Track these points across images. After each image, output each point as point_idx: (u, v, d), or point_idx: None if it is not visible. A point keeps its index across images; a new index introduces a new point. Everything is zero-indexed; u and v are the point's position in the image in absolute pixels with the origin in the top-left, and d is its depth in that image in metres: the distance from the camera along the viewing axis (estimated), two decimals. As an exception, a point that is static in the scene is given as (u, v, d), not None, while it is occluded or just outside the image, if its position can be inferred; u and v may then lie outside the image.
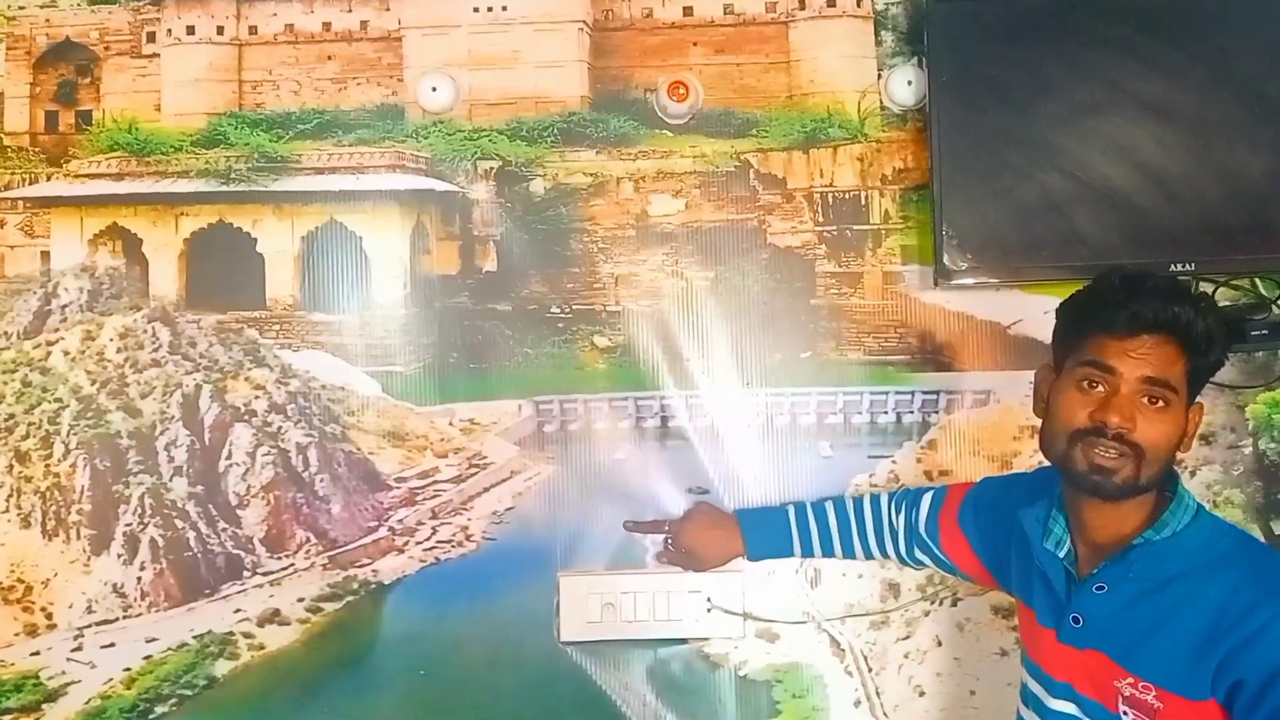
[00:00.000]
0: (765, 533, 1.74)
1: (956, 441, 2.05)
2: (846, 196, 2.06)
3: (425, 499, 2.03)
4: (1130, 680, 1.27)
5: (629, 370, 2.04)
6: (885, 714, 2.02)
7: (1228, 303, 2.00)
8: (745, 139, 2.06)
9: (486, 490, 2.03)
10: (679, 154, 2.05)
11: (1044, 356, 2.04)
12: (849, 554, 1.72)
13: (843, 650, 2.02)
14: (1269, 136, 1.93)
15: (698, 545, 1.78)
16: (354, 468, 2.03)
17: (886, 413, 2.05)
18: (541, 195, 2.05)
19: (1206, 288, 2.00)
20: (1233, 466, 2.06)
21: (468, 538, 2.02)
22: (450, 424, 2.04)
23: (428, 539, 2.02)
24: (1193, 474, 2.05)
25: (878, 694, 2.02)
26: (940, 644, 2.03)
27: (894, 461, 2.05)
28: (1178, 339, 1.27)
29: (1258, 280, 2.02)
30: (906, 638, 2.03)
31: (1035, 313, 2.06)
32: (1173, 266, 1.92)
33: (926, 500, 1.65)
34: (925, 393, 2.05)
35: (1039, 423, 2.15)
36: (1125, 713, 1.28)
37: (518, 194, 2.05)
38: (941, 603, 2.03)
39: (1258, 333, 1.85)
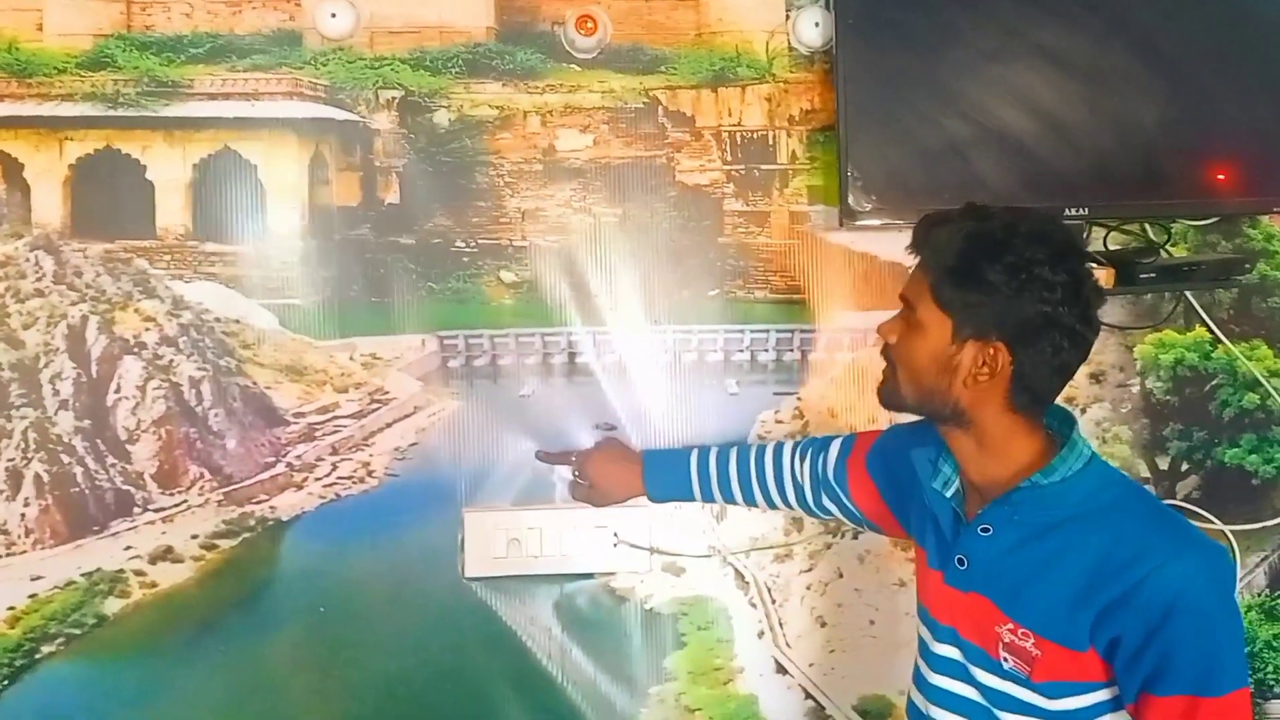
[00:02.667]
0: (666, 474, 1.73)
1: (859, 379, 2.08)
2: (754, 136, 2.07)
3: (325, 435, 1.99)
4: (1010, 626, 1.25)
5: (536, 306, 2.02)
6: (788, 644, 2.06)
7: (1118, 247, 2.07)
8: (654, 75, 2.04)
9: (389, 426, 2.00)
10: (587, 89, 2.03)
11: (943, 297, 2.11)
12: (750, 502, 1.70)
13: (747, 583, 2.06)
14: (1159, 87, 1.99)
15: (601, 479, 1.75)
16: (250, 402, 1.98)
17: (792, 350, 2.07)
18: (446, 127, 2.01)
19: (1099, 232, 2.08)
20: (1121, 404, 2.14)
21: (369, 474, 1.99)
22: (351, 359, 2.00)
23: (327, 475, 1.98)
24: (1083, 411, 2.13)
25: (780, 625, 2.06)
26: (841, 575, 2.08)
27: (798, 398, 2.08)
28: (924, 261, 1.29)
29: (1147, 225, 2.10)
30: (809, 570, 2.07)
31: (936, 254, 2.10)
32: (1067, 211, 1.97)
33: (834, 448, 1.63)
34: (830, 331, 2.08)
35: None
36: (1005, 659, 1.26)
37: (421, 125, 2.01)
38: (843, 535, 2.07)
39: (1146, 275, 1.91)
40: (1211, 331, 2.13)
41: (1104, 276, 1.93)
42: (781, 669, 2.05)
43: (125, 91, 1.97)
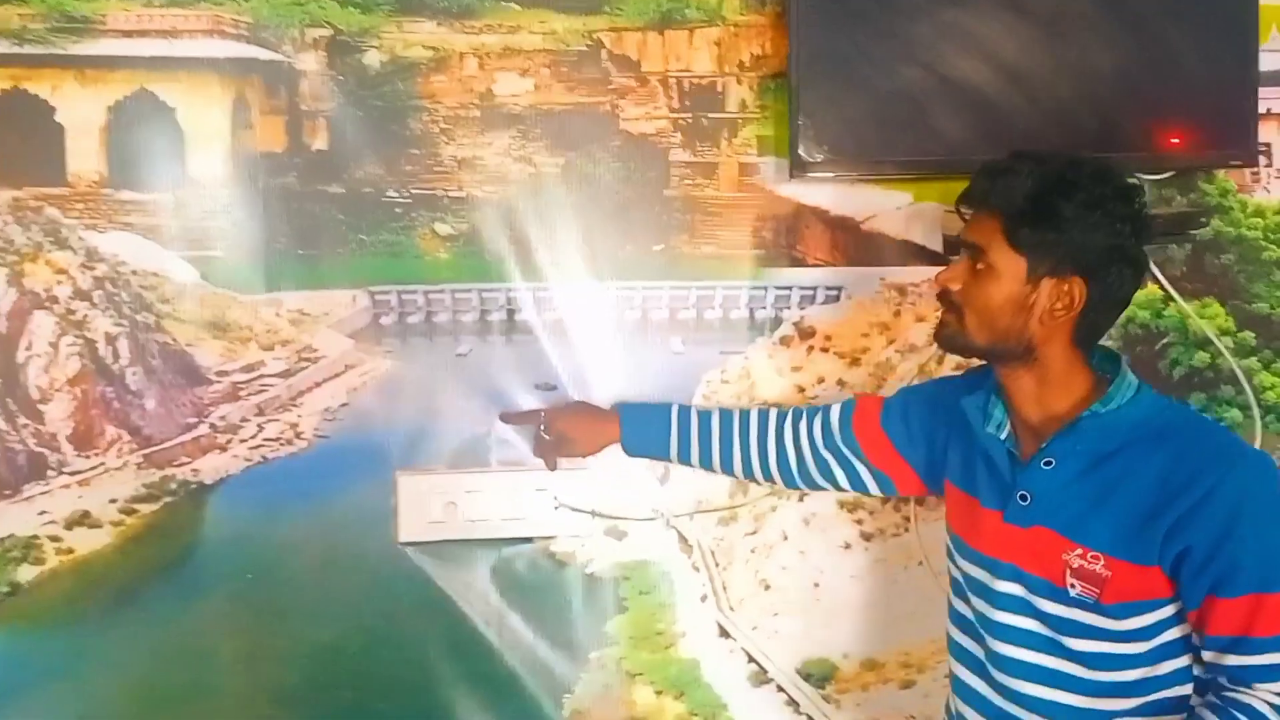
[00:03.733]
0: (644, 427, 1.64)
1: (808, 337, 2.03)
2: (702, 83, 1.98)
3: (250, 394, 1.90)
4: (1079, 551, 1.30)
5: (473, 260, 1.93)
6: (731, 608, 2.02)
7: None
8: (597, 16, 1.94)
9: (318, 385, 1.91)
10: (527, 30, 1.92)
11: (896, 253, 2.06)
12: (727, 468, 1.64)
13: (690, 546, 2.01)
14: (1119, 36, 1.93)
15: (573, 428, 1.64)
16: (170, 360, 1.88)
17: (739, 308, 2.01)
18: (377, 69, 1.90)
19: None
20: (1071, 364, 2.10)
21: (298, 435, 1.91)
22: (277, 314, 1.90)
23: (253, 437, 1.89)
24: (1033, 371, 2.09)
25: (724, 588, 2.02)
26: (786, 538, 2.04)
27: (746, 358, 2.02)
28: (989, 206, 1.34)
29: (1103, 180, 2.04)
30: (754, 533, 2.03)
31: (889, 208, 2.04)
32: (1023, 163, 1.91)
33: (835, 413, 1.61)
34: (778, 288, 2.01)
35: (889, 319, 2.15)
36: (1073, 585, 1.31)
37: (350, 66, 1.89)
38: (788, 498, 2.03)
39: (1100, 230, 1.86)
40: (1164, 289, 2.09)
41: (1058, 234, 1.88)
42: (724, 633, 2.02)
43: (33, 27, 1.84)
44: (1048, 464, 1.34)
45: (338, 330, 1.92)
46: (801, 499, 2.03)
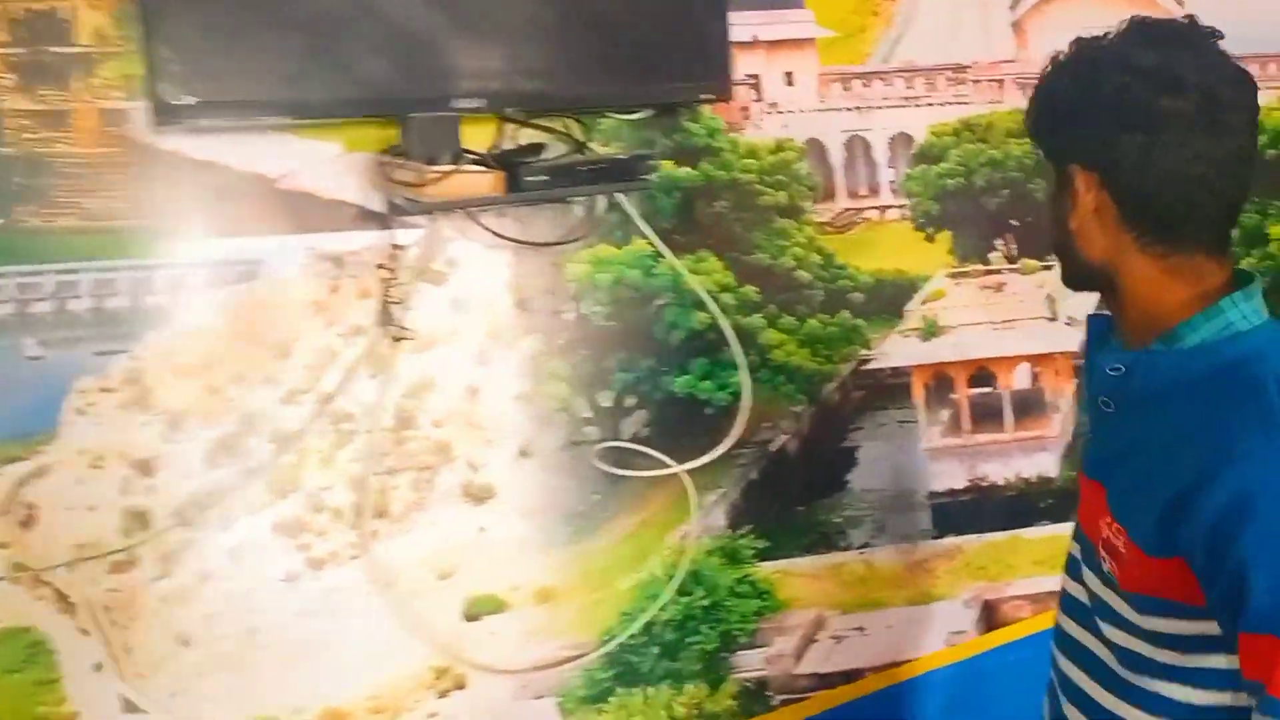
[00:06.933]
0: None
1: (232, 321, 1.64)
2: (39, 8, 1.53)
3: None
4: (1108, 519, 1.06)
5: None
6: (141, 674, 1.61)
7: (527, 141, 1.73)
8: None
9: None
10: None
11: (327, 215, 1.71)
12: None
13: (73, 605, 1.57)
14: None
15: None
16: None
17: (117, 295, 1.58)
18: None
19: (510, 129, 1.74)
20: (556, 335, 1.83)
21: None
22: None
23: None
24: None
25: (127, 651, 1.60)
26: (208, 578, 1.64)
27: (133, 357, 1.60)
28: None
29: (570, 121, 1.77)
30: (162, 577, 1.62)
31: (312, 162, 1.68)
32: (456, 102, 1.61)
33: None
34: (170, 267, 1.61)
35: (325, 296, 1.80)
36: (1104, 559, 1.07)
37: None
38: (206, 526, 1.63)
39: (533, 179, 1.57)
40: (652, 244, 1.85)
41: (494, 182, 1.59)
42: (133, 707, 1.60)
43: None
44: (1105, 405, 1.12)
45: None
46: (226, 527, 1.64)
